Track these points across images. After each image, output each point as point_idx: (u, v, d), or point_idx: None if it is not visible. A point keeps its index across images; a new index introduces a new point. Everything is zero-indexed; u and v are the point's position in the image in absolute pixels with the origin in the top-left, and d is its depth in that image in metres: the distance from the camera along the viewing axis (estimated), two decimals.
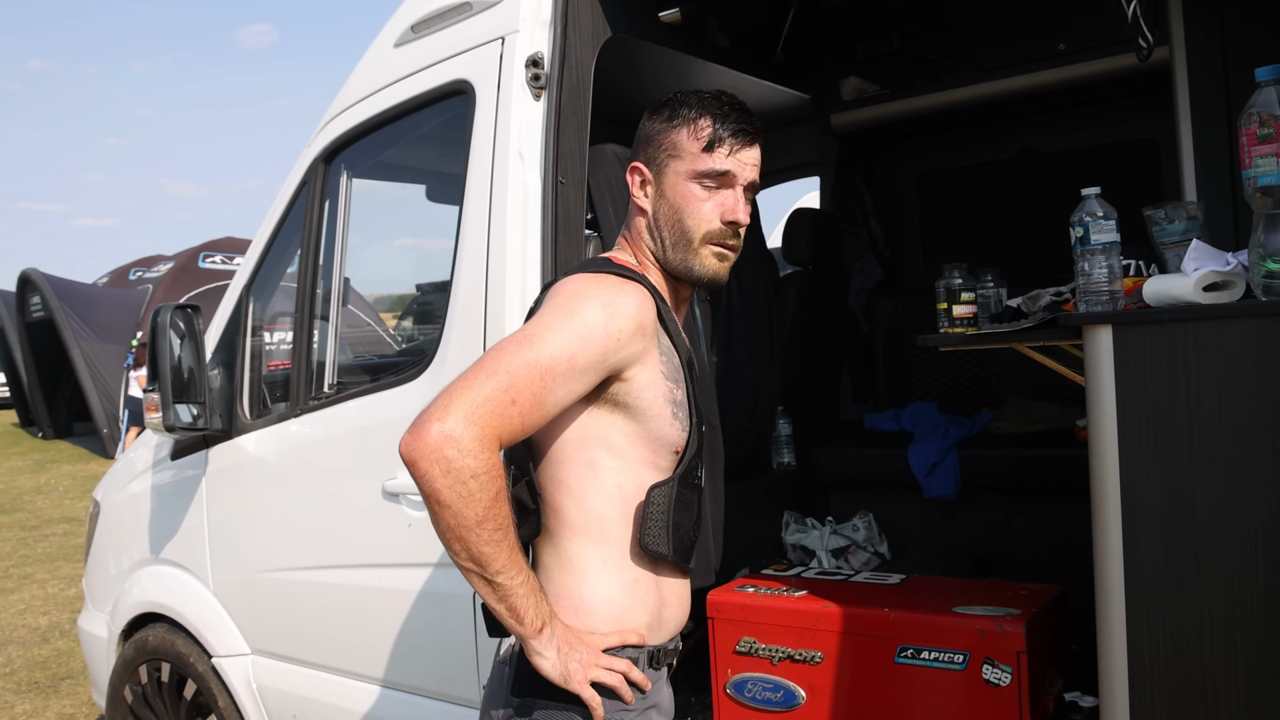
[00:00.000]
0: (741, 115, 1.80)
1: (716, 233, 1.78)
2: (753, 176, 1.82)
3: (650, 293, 1.74)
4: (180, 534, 3.50)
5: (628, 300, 1.67)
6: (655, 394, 1.70)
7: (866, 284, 4.68)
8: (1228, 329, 1.82)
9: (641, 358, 1.68)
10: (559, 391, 1.59)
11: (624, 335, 1.64)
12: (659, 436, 1.72)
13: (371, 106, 3.01)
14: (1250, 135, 1.80)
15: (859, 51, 4.17)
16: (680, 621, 1.85)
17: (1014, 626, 2.37)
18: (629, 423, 1.70)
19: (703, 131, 1.78)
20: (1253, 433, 1.79)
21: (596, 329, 1.61)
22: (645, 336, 1.68)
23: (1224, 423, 1.82)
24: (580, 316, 1.62)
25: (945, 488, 3.68)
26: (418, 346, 4.64)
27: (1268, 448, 1.77)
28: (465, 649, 2.66)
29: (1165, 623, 1.89)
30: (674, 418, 1.72)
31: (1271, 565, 1.78)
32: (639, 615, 1.74)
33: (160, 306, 3.17)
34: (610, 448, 1.70)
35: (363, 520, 2.89)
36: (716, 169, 1.77)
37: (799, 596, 2.69)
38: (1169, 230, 2.19)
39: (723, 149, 1.77)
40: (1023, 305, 2.42)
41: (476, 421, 1.50)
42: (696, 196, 1.78)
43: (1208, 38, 2.59)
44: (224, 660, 3.37)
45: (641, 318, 1.67)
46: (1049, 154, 4.32)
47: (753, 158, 1.82)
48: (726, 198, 1.79)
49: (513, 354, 1.57)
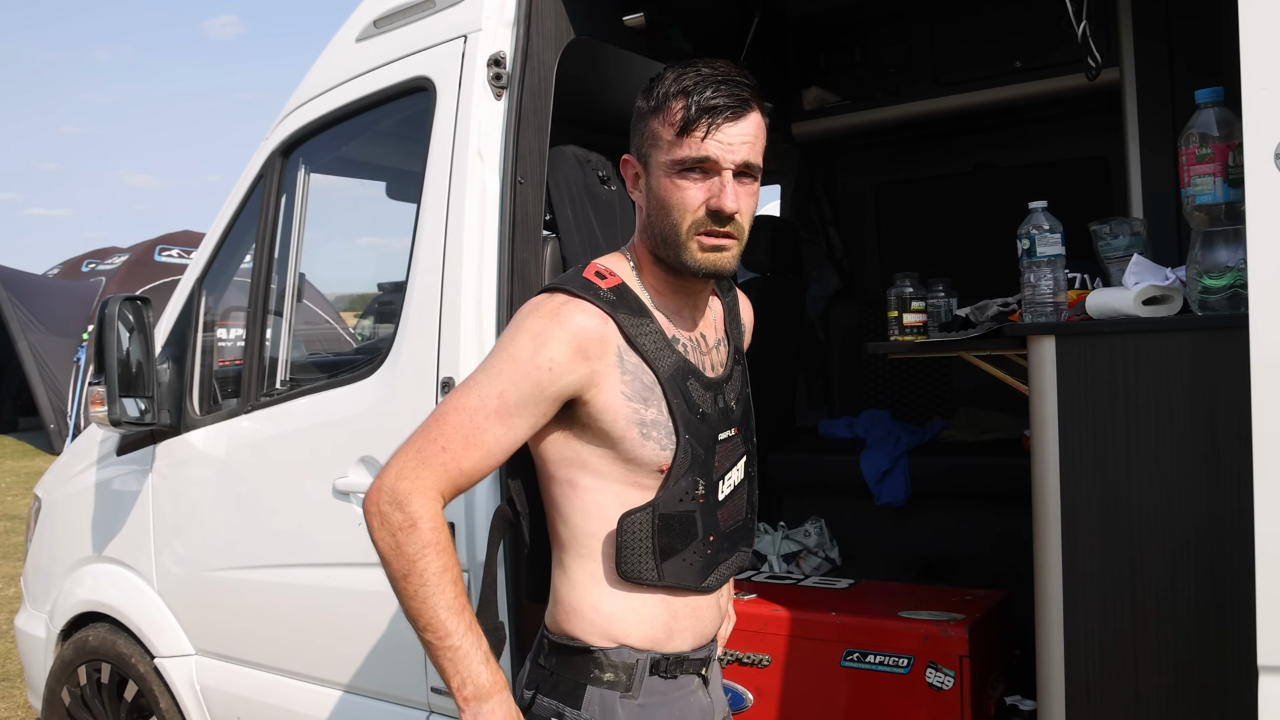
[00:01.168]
0: (720, 85, 1.58)
1: (701, 221, 1.61)
2: (744, 157, 1.60)
3: (609, 309, 1.63)
4: (124, 531, 3.46)
5: (562, 327, 1.59)
6: (616, 415, 1.62)
7: (824, 292, 4.74)
8: (1165, 342, 1.88)
9: (594, 380, 1.61)
10: (495, 430, 1.59)
11: (557, 363, 1.58)
12: (633, 458, 1.65)
13: (331, 101, 3.00)
14: (1190, 155, 1.86)
15: (821, 62, 4.23)
16: (702, 633, 1.77)
17: (957, 631, 2.41)
18: (600, 444, 1.65)
19: (675, 114, 1.59)
20: (1187, 444, 1.85)
21: (524, 362, 1.58)
22: (589, 359, 1.60)
23: (1160, 433, 1.87)
24: (509, 351, 1.61)
25: (896, 494, 3.74)
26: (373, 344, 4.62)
27: (1202, 459, 1.83)
28: (414, 651, 2.64)
29: (1101, 628, 1.94)
30: (644, 439, 1.64)
31: (1203, 573, 1.84)
32: (633, 626, 1.69)
33: (109, 298, 3.12)
34: (587, 468, 1.67)
35: (313, 519, 2.87)
36: (693, 156, 1.59)
37: (748, 600, 2.72)
38: (1113, 245, 2.25)
39: (698, 131, 1.58)
40: (971, 315, 2.47)
41: (407, 475, 1.58)
42: (679, 187, 1.61)
43: (1155, 60, 2.66)
44: (167, 661, 3.33)
45: (580, 340, 1.59)
46: (1004, 169, 4.40)
47: (739, 134, 1.59)
48: (713, 185, 1.60)
49: (447, 400, 1.63)
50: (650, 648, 1.70)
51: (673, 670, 1.72)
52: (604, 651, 1.68)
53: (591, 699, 1.67)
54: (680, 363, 1.69)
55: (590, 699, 1.67)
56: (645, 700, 1.68)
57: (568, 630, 1.71)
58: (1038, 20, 3.38)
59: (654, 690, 1.70)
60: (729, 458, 1.75)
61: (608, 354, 1.62)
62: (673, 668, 1.72)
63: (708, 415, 1.70)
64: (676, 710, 1.73)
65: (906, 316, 2.63)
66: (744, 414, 1.82)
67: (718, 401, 1.74)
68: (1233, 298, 1.84)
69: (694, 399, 1.68)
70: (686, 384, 1.68)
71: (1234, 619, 1.78)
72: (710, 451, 1.70)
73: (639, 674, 1.68)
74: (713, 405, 1.72)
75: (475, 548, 2.51)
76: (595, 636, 1.69)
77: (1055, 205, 2.25)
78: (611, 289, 1.67)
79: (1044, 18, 2.79)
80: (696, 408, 1.69)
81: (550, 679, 1.71)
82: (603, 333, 1.62)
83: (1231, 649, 1.78)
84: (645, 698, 1.68)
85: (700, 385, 1.70)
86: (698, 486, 1.68)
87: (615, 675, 1.68)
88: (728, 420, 1.76)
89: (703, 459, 1.69)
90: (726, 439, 1.75)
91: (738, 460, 1.78)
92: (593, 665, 1.68)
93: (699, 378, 1.71)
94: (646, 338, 1.65)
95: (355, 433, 2.76)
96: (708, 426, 1.70)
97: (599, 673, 1.68)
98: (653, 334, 1.67)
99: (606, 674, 1.68)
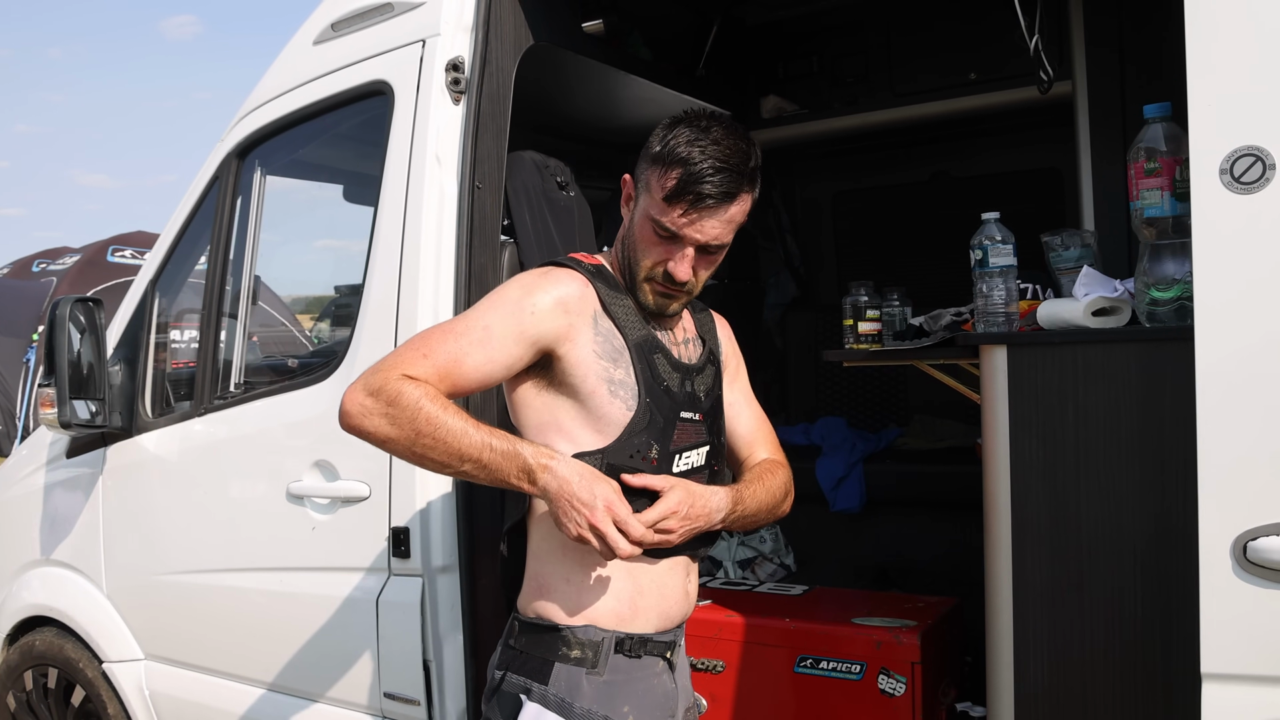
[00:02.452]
0: (718, 174, 1.67)
1: (659, 277, 1.76)
2: (712, 239, 1.72)
3: (592, 280, 1.77)
4: (73, 535, 3.39)
5: (551, 281, 1.75)
6: (587, 371, 1.73)
7: (781, 299, 4.75)
8: (1113, 352, 1.90)
9: (569, 334, 1.72)
10: (476, 354, 1.69)
11: (540, 309, 1.70)
12: (601, 416, 1.73)
13: (288, 103, 2.96)
14: (1138, 169, 1.88)
15: (779, 71, 4.24)
16: (667, 614, 1.83)
17: (909, 638, 2.42)
18: (572, 404, 1.74)
19: (669, 181, 1.69)
20: (1135, 452, 1.87)
21: (510, 302, 1.72)
22: (568, 313, 1.72)
23: (1109, 442, 1.90)
24: (500, 294, 1.76)
25: (851, 501, 3.76)
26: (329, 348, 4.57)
27: (1148, 467, 1.86)
28: (367, 655, 2.62)
29: (1049, 634, 1.96)
30: (611, 395, 1.73)
31: (1149, 580, 1.86)
32: (601, 599, 1.76)
33: (60, 298, 3.07)
34: (561, 431, 1.75)
35: (265, 523, 2.83)
36: (665, 224, 1.71)
37: (703, 606, 2.72)
38: (1064, 256, 2.28)
39: (678, 209, 1.69)
40: (925, 324, 2.49)
41: (381, 369, 1.68)
42: (649, 239, 1.75)
43: (1107, 75, 2.70)
44: (115, 666, 3.26)
45: (563, 294, 1.73)
46: (960, 179, 4.44)
47: (716, 222, 1.71)
48: (674, 252, 1.73)
49: (436, 325, 1.79)
50: (616, 626, 1.76)
51: (637, 650, 1.78)
52: (571, 629, 1.75)
53: (559, 675, 1.73)
54: (649, 336, 1.80)
55: (558, 675, 1.73)
56: (610, 677, 1.74)
57: (538, 611, 1.78)
58: (993, 33, 3.41)
59: (619, 668, 1.76)
60: (689, 438, 1.82)
61: (585, 313, 1.74)
62: (637, 647, 1.78)
63: (671, 391, 1.79)
64: (640, 689, 1.78)
65: (861, 325, 2.65)
66: (713, 409, 1.89)
67: (685, 385, 1.82)
68: (1179, 309, 1.86)
69: (659, 371, 1.78)
70: (653, 356, 1.78)
71: (1179, 626, 1.80)
72: (670, 425, 1.78)
73: (605, 651, 1.75)
74: (679, 385, 1.81)
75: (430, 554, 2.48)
76: (563, 615, 1.76)
77: (1010, 216, 2.27)
78: (592, 265, 1.82)
79: (999, 31, 2.82)
80: (661, 380, 1.78)
81: (519, 658, 1.78)
82: (583, 294, 1.76)
83: (1177, 656, 1.80)
84: (610, 675, 1.75)
85: (667, 362, 1.80)
86: (651, 449, 1.75)
87: (582, 652, 1.74)
88: (693, 404, 1.83)
89: (661, 426, 1.76)
90: (689, 419, 1.82)
91: (699, 445, 1.84)
92: (560, 643, 1.75)
93: (666, 355, 1.81)
94: (619, 307, 1.78)
95: (310, 436, 2.72)
96: (670, 400, 1.78)
97: (566, 650, 1.74)
98: (625, 307, 1.79)
99: (574, 651, 1.74)
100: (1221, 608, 1.66)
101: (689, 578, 1.89)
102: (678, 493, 1.73)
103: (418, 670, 2.51)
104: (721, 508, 1.80)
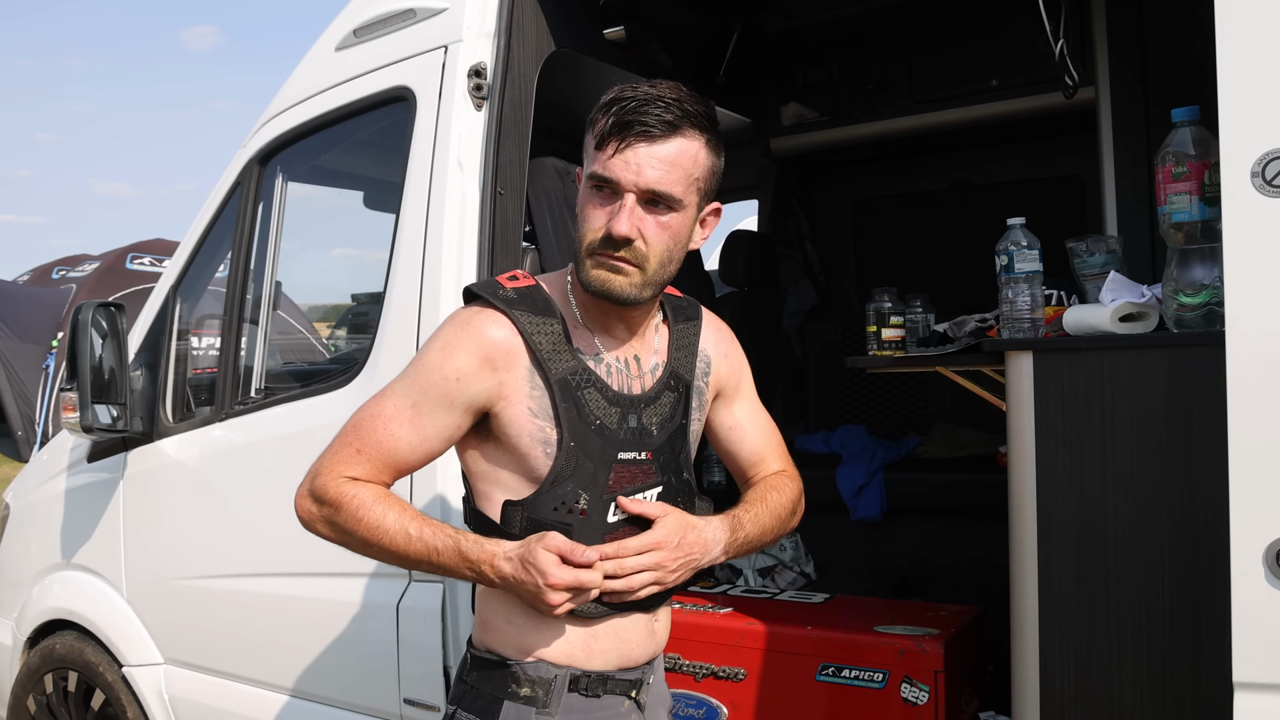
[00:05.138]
0: (646, 106, 1.52)
1: (597, 243, 1.56)
2: (649, 182, 1.52)
3: (505, 306, 1.61)
4: (94, 539, 3.40)
5: (470, 337, 1.61)
6: (520, 432, 1.61)
7: (801, 307, 4.75)
8: (1141, 359, 1.88)
9: (501, 392, 1.60)
10: (409, 437, 1.63)
11: (465, 372, 1.59)
12: (538, 477, 1.62)
13: (310, 109, 2.98)
14: (1166, 173, 1.87)
15: (799, 78, 4.24)
16: (628, 655, 1.69)
17: (933, 646, 2.41)
18: (509, 460, 1.64)
19: (598, 127, 1.57)
20: (1164, 460, 1.85)
21: (434, 371, 1.61)
22: (497, 370, 1.60)
23: (1137, 449, 1.88)
24: (423, 360, 1.65)
25: (871, 509, 3.74)
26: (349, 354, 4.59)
27: (1177, 474, 1.84)
28: (387, 661, 2.62)
29: (1075, 644, 1.94)
30: (547, 457, 1.61)
31: (1179, 588, 1.84)
32: (547, 640, 1.64)
33: (82, 304, 3.09)
34: (500, 484, 1.66)
35: (284, 528, 2.82)
36: (598, 172, 1.55)
37: (724, 614, 2.71)
38: (1089, 262, 2.27)
39: (609, 147, 1.53)
40: (949, 330, 2.48)
41: (321, 473, 1.64)
42: (588, 203, 1.58)
43: (1131, 79, 2.69)
44: (135, 670, 3.27)
45: (488, 348, 1.60)
46: (980, 186, 4.43)
47: (650, 157, 1.52)
48: (614, 207, 1.55)
49: (363, 408, 1.67)
50: (568, 663, 1.64)
51: (595, 689, 1.65)
52: (521, 665, 1.64)
53: (508, 713, 1.62)
54: (578, 368, 1.63)
55: (507, 713, 1.63)
56: (564, 718, 1.63)
57: (487, 644, 1.68)
58: (1015, 39, 3.41)
59: (574, 708, 1.64)
60: (632, 481, 1.66)
61: (516, 367, 1.61)
62: (595, 686, 1.65)
63: (607, 430, 1.63)
64: None
65: (885, 331, 2.64)
66: (667, 442, 1.72)
67: (627, 419, 1.66)
68: (1208, 315, 1.85)
69: (589, 409, 1.62)
70: (582, 392, 1.62)
71: (1210, 635, 1.78)
72: (603, 468, 1.63)
73: (557, 690, 1.63)
74: (618, 421, 1.65)
75: None
76: (511, 650, 1.65)
77: (1031, 223, 2.26)
78: (516, 289, 1.65)
79: (1021, 37, 2.81)
80: (592, 419, 1.62)
81: (470, 694, 1.68)
82: (512, 345, 1.61)
83: (1207, 665, 1.78)
84: (564, 715, 1.63)
85: (602, 397, 1.64)
86: (578, 499, 1.61)
87: (532, 690, 1.62)
88: (639, 442, 1.67)
89: (590, 471, 1.62)
90: (631, 460, 1.66)
91: (646, 488, 1.68)
92: (510, 680, 1.64)
93: (601, 389, 1.64)
94: (543, 337, 1.62)
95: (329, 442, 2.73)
96: (603, 441, 1.63)
97: (516, 687, 1.63)
98: (551, 334, 1.63)
99: (524, 689, 1.62)
100: (1254, 616, 1.64)
101: (654, 618, 1.74)
102: (669, 522, 1.62)
103: (438, 677, 2.51)
104: (720, 539, 1.69)
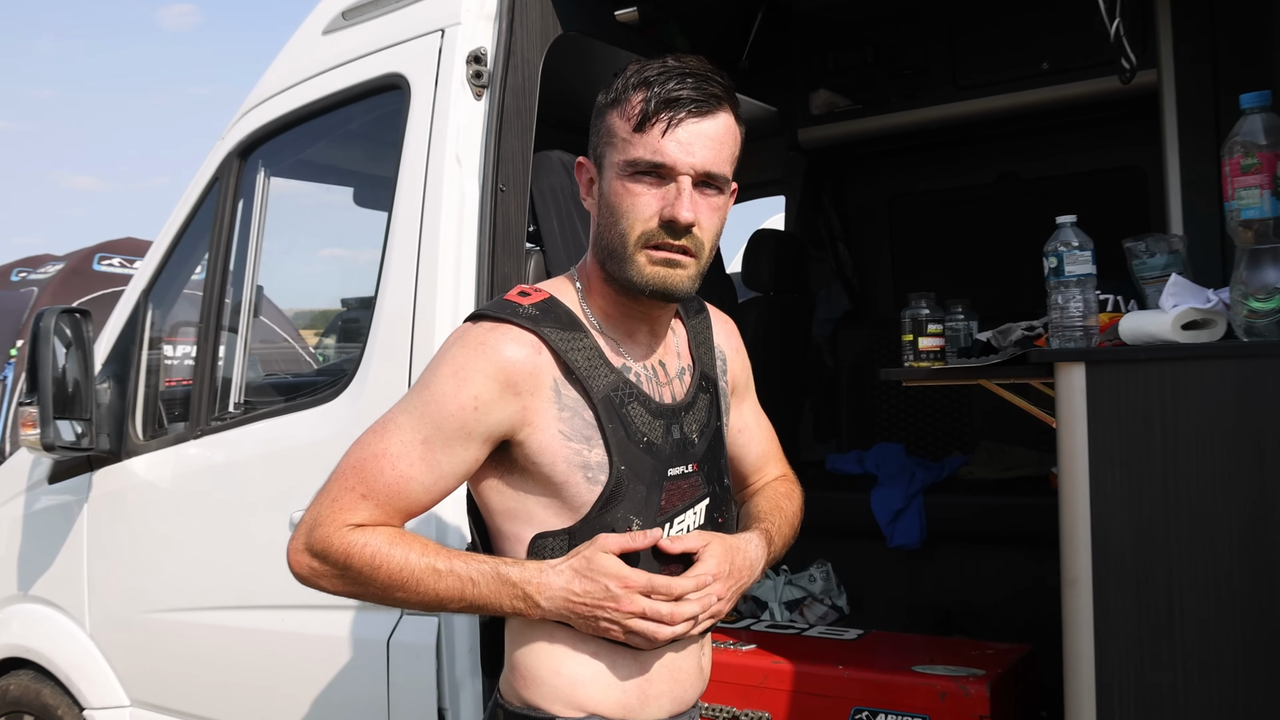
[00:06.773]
0: (687, 79, 1.54)
1: (653, 233, 1.56)
2: (704, 162, 1.55)
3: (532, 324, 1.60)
4: (54, 568, 3.43)
5: (487, 359, 1.57)
6: (554, 459, 1.58)
7: (832, 313, 4.75)
8: (1206, 370, 1.88)
9: (527, 418, 1.58)
10: (421, 477, 1.59)
11: (484, 399, 1.56)
12: (579, 506, 1.60)
13: (295, 98, 3.01)
14: (1234, 165, 1.88)
15: (830, 63, 4.26)
16: (681, 699, 1.70)
17: (978, 688, 2.40)
18: (542, 491, 1.61)
19: (633, 107, 1.56)
20: (1231, 481, 1.85)
21: (447, 400, 1.57)
22: (519, 394, 1.57)
23: (1202, 470, 1.88)
24: (431, 389, 1.60)
25: (910, 536, 3.74)
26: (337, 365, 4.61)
27: (1247, 498, 1.83)
28: (375, 699, 2.63)
29: (1136, 685, 1.93)
30: (590, 483, 1.59)
31: (1249, 622, 1.84)
32: (602, 690, 1.63)
33: (45, 309, 3.12)
34: (532, 521, 1.63)
35: (266, 555, 2.84)
36: (647, 157, 1.54)
37: (747, 651, 2.71)
38: (1149, 264, 2.27)
39: (657, 127, 1.54)
40: (993, 339, 2.48)
41: (321, 523, 1.58)
42: (630, 192, 1.57)
43: (1197, 61, 2.68)
44: (98, 713, 3.29)
45: (508, 371, 1.57)
46: (1029, 180, 4.43)
47: (702, 135, 1.55)
48: (668, 192, 1.55)
49: (365, 444, 1.62)
50: (622, 715, 1.63)
51: None
52: None
53: None
54: (619, 382, 1.63)
55: None
56: None
57: (527, 699, 1.65)
58: (1067, 19, 3.42)
59: None
60: (682, 496, 1.67)
61: (541, 388, 1.59)
62: None
63: (655, 446, 1.64)
64: None
65: (922, 341, 2.64)
66: (709, 449, 1.74)
67: (671, 431, 1.67)
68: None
69: (635, 426, 1.62)
70: (626, 409, 1.62)
71: None
72: (655, 489, 1.63)
73: None
74: (663, 435, 1.66)
75: None
76: (560, 705, 1.62)
77: (1086, 220, 2.26)
78: (535, 304, 1.63)
79: (1074, 16, 2.81)
80: (640, 436, 1.62)
81: None
82: (535, 364, 1.59)
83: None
84: None
85: (646, 411, 1.64)
86: (630, 525, 1.61)
87: None
88: (684, 454, 1.68)
89: (643, 495, 1.62)
90: (680, 475, 1.67)
91: (696, 502, 1.69)
92: None
93: (644, 402, 1.65)
94: (578, 353, 1.61)
95: (317, 461, 2.71)
96: (653, 459, 1.63)
97: None
98: (586, 349, 1.62)
99: None
100: None
101: (703, 652, 1.76)
102: (715, 550, 1.63)
103: (432, 719, 2.53)
104: (760, 556, 1.73)
